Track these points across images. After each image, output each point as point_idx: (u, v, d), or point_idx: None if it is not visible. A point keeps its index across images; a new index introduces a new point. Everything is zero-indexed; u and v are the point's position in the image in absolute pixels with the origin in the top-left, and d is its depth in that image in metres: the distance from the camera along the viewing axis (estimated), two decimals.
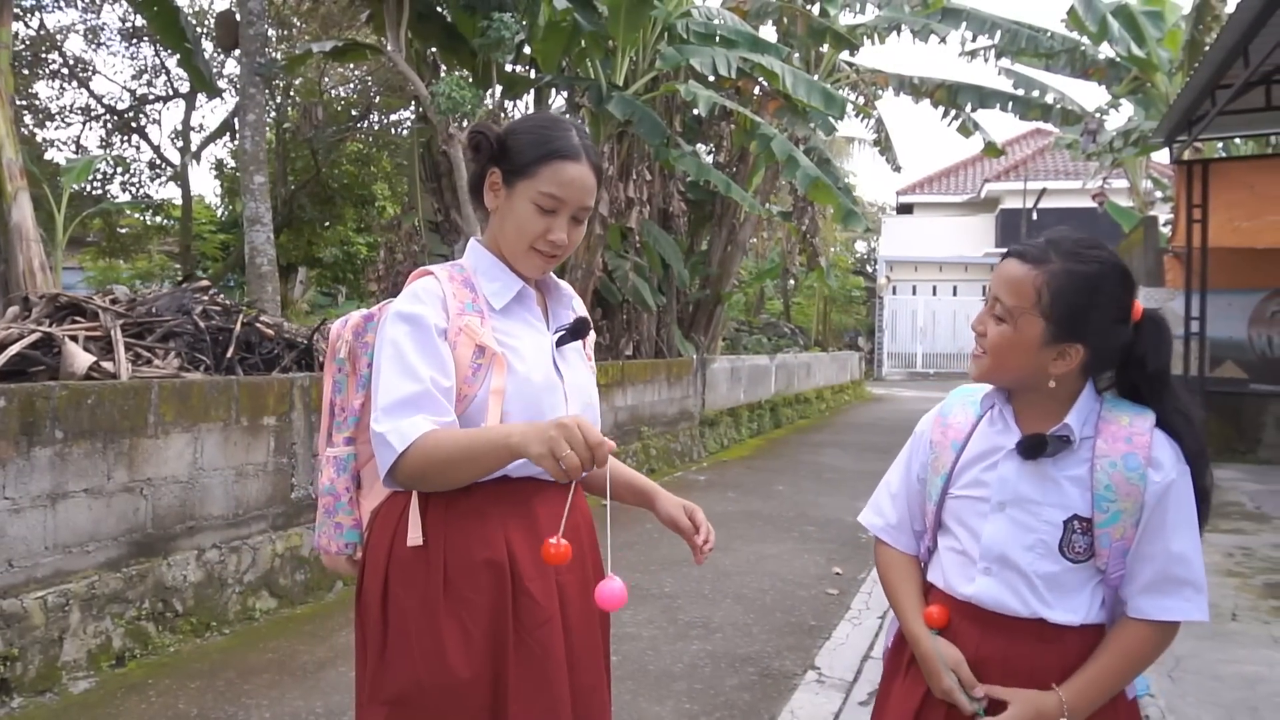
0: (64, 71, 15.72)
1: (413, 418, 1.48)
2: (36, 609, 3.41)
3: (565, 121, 1.68)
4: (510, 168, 1.62)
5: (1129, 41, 13.01)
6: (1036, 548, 1.50)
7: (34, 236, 7.86)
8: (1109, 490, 1.47)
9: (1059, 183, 26.97)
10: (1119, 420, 1.51)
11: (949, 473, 1.60)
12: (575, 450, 1.33)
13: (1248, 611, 4.65)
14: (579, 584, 1.64)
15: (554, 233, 1.61)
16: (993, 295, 1.54)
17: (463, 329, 1.56)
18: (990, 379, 1.58)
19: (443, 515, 1.56)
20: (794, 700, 3.58)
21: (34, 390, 3.46)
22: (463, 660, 1.50)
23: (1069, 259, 1.48)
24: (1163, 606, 1.49)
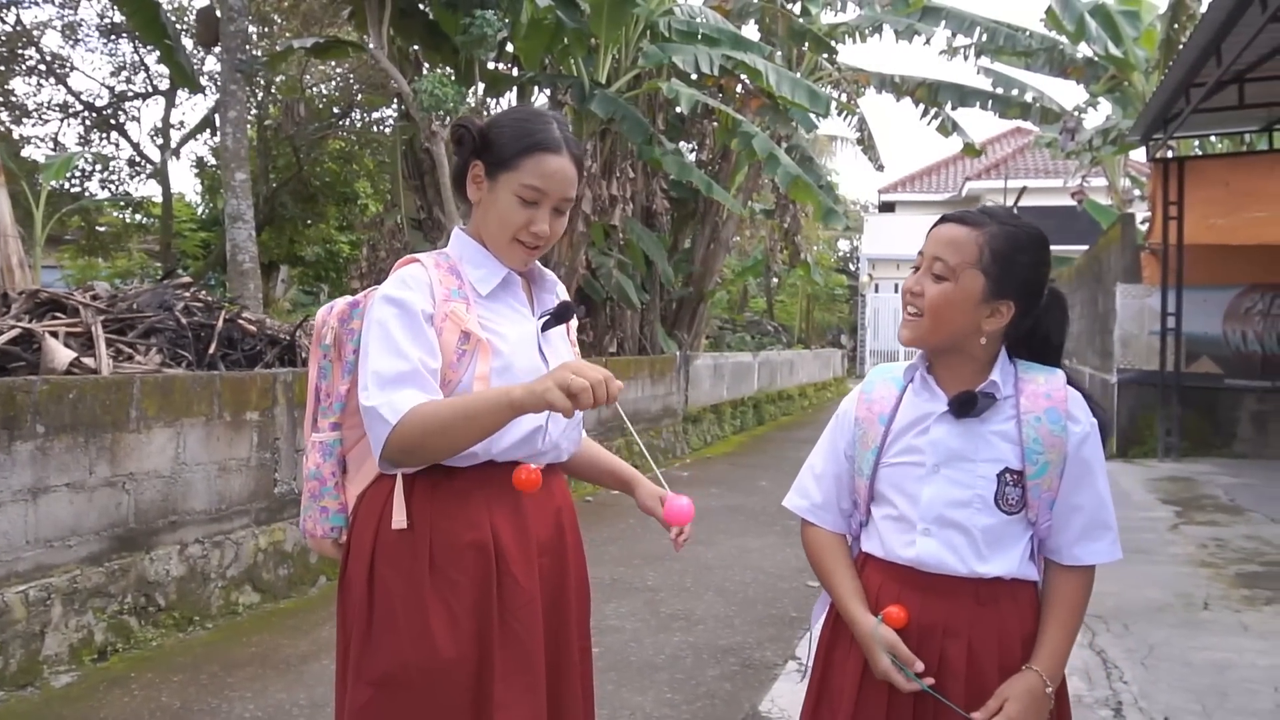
0: (41, 68, 15.59)
1: (403, 391, 1.51)
2: (18, 603, 3.42)
3: (547, 114, 1.70)
4: (493, 160, 1.64)
5: (1106, 41, 13.15)
6: (974, 502, 1.57)
7: (12, 233, 7.79)
8: (1037, 443, 1.56)
9: (1039, 181, 27.15)
10: (1035, 380, 1.61)
11: (880, 445, 1.65)
12: (590, 380, 1.38)
13: (1219, 600, 4.73)
14: (555, 567, 1.66)
15: (536, 224, 1.63)
16: (931, 256, 1.60)
17: (449, 315, 1.59)
18: (923, 340, 1.63)
19: (428, 498, 1.58)
20: (774, 689, 3.62)
21: (14, 384, 3.46)
22: (449, 640, 1.52)
23: (1004, 224, 1.59)
24: (1094, 551, 1.61)
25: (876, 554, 1.66)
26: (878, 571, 1.65)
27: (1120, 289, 10.46)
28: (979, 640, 1.56)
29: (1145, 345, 10.26)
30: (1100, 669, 3.77)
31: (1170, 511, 7.07)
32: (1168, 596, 4.78)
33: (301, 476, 4.65)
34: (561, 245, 9.97)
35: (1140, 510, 7.09)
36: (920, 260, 1.63)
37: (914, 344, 1.64)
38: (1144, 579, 5.05)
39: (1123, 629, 4.26)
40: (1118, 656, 3.90)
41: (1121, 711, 3.36)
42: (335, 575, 5.06)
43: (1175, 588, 4.95)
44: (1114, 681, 3.65)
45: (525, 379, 1.57)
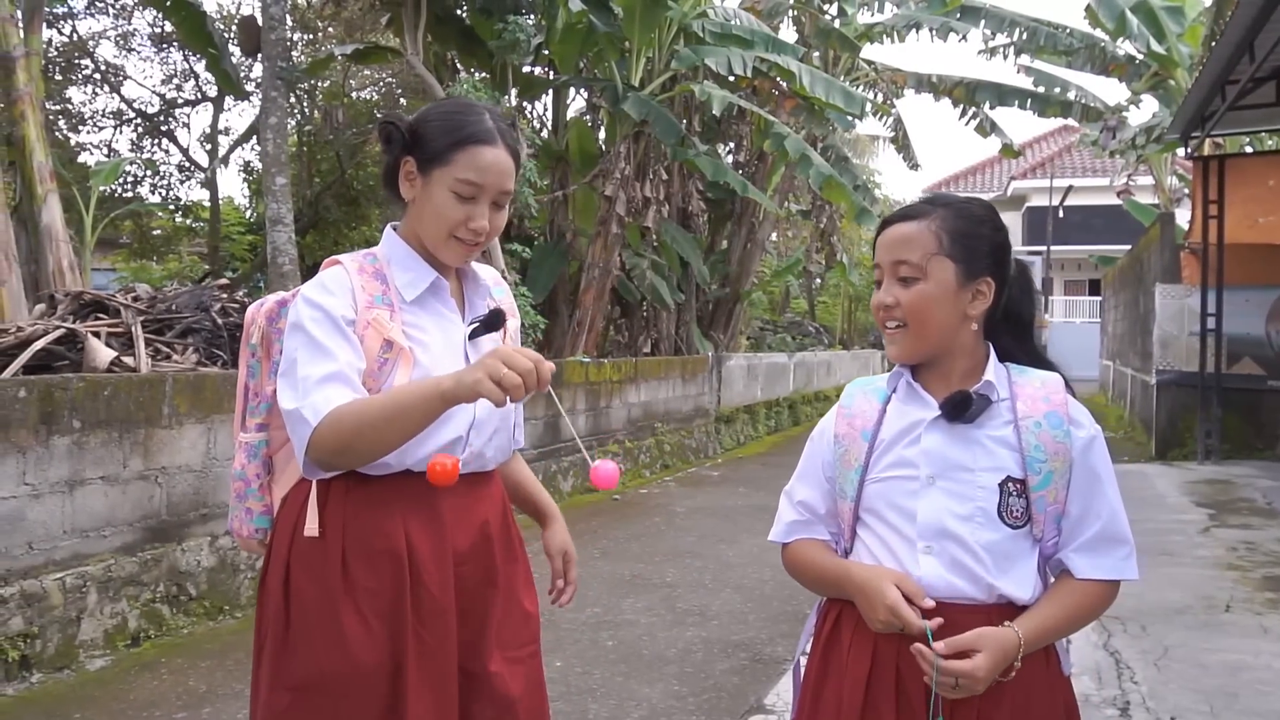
0: (96, 77, 16.09)
1: (325, 391, 1.47)
2: (55, 590, 3.59)
3: (478, 105, 1.66)
4: (424, 156, 1.59)
5: (1148, 38, 12.94)
6: (976, 516, 1.44)
7: (63, 237, 8.09)
8: (1039, 450, 1.45)
9: (1085, 180, 26.75)
10: (1031, 383, 1.50)
11: (865, 461, 1.52)
12: (515, 368, 1.34)
13: (1242, 603, 4.68)
14: (478, 577, 1.61)
15: (475, 220, 1.58)
16: (892, 261, 1.50)
17: (370, 322, 1.54)
18: (915, 349, 1.51)
19: (341, 504, 1.55)
20: (781, 684, 3.67)
21: (53, 382, 3.63)
22: (364, 647, 1.50)
23: (949, 205, 1.51)
24: (1106, 566, 1.48)
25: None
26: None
27: (1159, 289, 10.31)
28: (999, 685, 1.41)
29: (1185, 346, 10.10)
30: (1112, 669, 3.77)
31: (1204, 514, 6.97)
32: (1189, 599, 4.74)
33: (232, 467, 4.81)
34: (595, 246, 10.09)
35: (1173, 513, 7.00)
36: (879, 273, 1.53)
37: (905, 359, 1.53)
38: (1167, 581, 5.02)
39: (1140, 630, 4.24)
40: (1131, 657, 3.89)
41: (1128, 711, 3.37)
42: None
43: (1198, 590, 4.91)
44: (1124, 681, 3.65)
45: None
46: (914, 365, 1.55)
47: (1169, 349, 10.26)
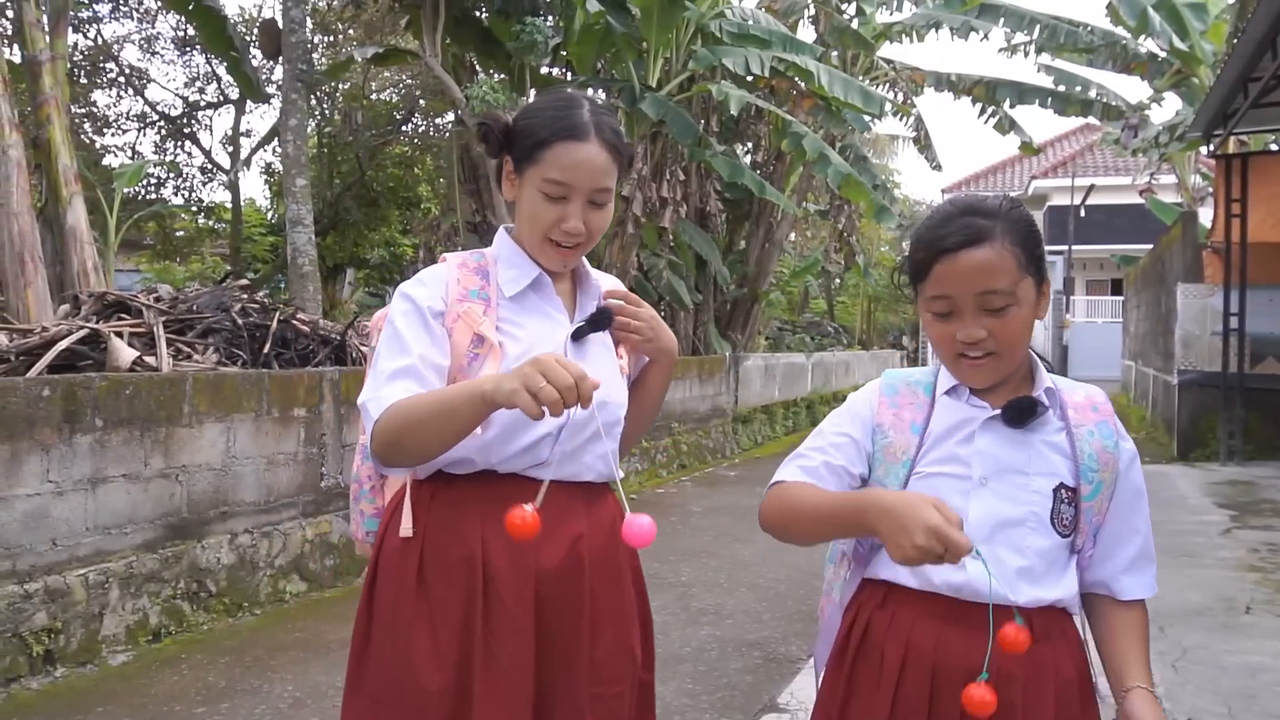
0: (120, 80, 16.28)
1: (394, 385, 1.44)
2: (78, 586, 3.65)
3: (576, 98, 1.56)
4: (518, 155, 1.54)
5: (1171, 35, 12.83)
6: (1028, 520, 1.39)
7: (88, 239, 8.19)
8: (1092, 460, 1.41)
9: (1107, 179, 26.53)
10: (1074, 392, 1.46)
11: (913, 456, 1.42)
12: (554, 381, 1.24)
13: (1262, 605, 4.65)
14: (566, 600, 1.50)
15: (567, 221, 1.50)
16: (978, 293, 1.36)
17: (461, 315, 1.50)
18: (1000, 377, 1.43)
19: (427, 507, 1.51)
20: (795, 683, 3.68)
21: (75, 381, 3.69)
22: (429, 668, 1.46)
23: (1004, 217, 1.40)
24: (1144, 585, 1.45)
25: (907, 583, 1.42)
26: (910, 605, 1.41)
27: (1181, 289, 10.22)
28: (1034, 685, 1.37)
29: (1207, 346, 10.01)
30: None
31: (1225, 515, 6.91)
32: (1209, 600, 4.71)
33: (348, 472, 4.83)
34: (613, 247, 10.11)
35: (1194, 514, 6.95)
36: (950, 305, 1.38)
37: (996, 381, 1.43)
38: (1187, 583, 4.98)
39: (1158, 631, 4.22)
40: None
41: None
42: None
43: (1218, 591, 4.87)
44: None
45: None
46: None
47: (1191, 349, 10.17)
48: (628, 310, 1.62)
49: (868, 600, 1.47)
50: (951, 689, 1.34)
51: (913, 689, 1.39)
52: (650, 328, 1.63)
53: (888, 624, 1.42)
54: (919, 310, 1.47)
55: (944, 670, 1.37)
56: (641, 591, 1.68)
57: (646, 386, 1.72)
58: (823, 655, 1.54)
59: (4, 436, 3.41)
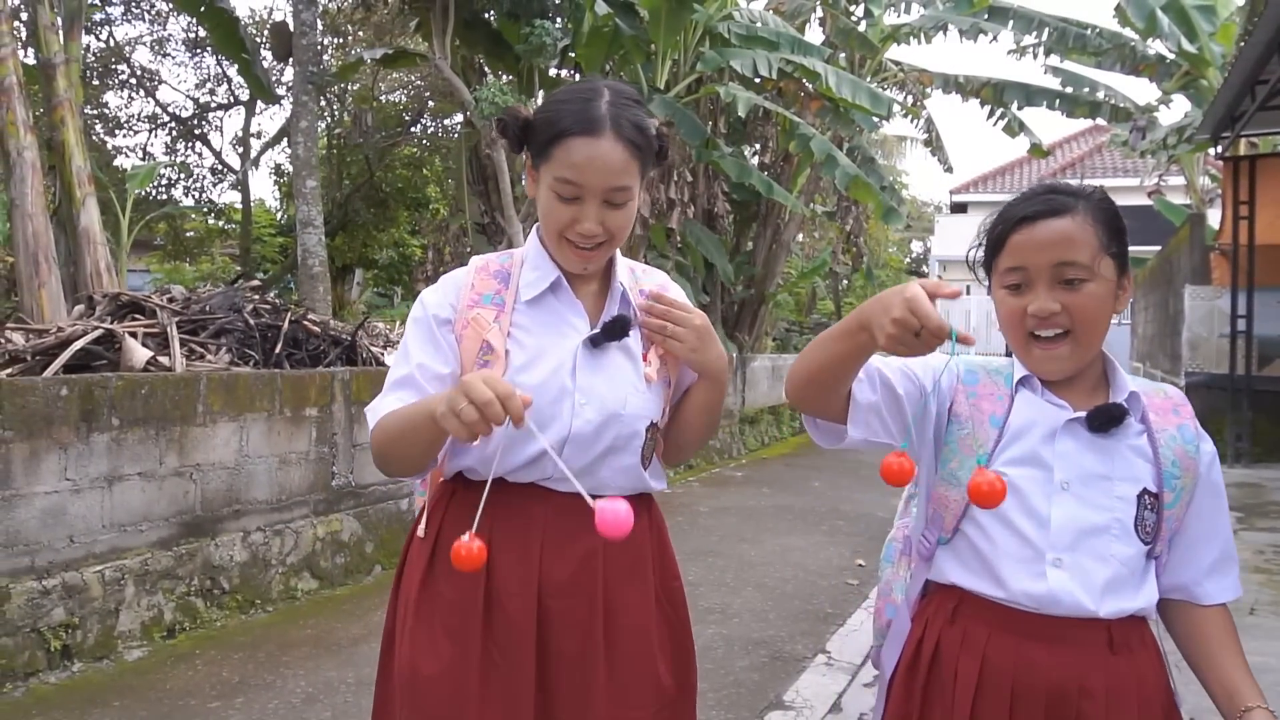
0: (132, 81, 16.39)
1: (391, 396, 1.45)
2: (95, 582, 3.70)
3: (596, 88, 1.45)
4: (535, 150, 1.46)
5: (1179, 37, 12.82)
6: (1113, 528, 1.33)
7: (101, 240, 8.27)
8: (1175, 466, 1.35)
9: (1116, 180, 26.46)
10: (1154, 393, 1.40)
11: (990, 450, 1.36)
12: (473, 400, 1.18)
13: (1267, 606, 4.67)
14: (579, 614, 1.46)
15: (582, 222, 1.42)
16: (1054, 263, 1.32)
17: (470, 321, 1.46)
18: (1078, 365, 1.37)
19: (443, 509, 1.51)
20: (801, 681, 3.72)
21: (92, 380, 3.75)
22: (428, 659, 1.46)
23: (1087, 196, 1.36)
24: (1228, 587, 1.40)
25: (981, 591, 1.36)
26: (984, 619, 1.36)
27: (1189, 290, 10.22)
28: (1116, 698, 1.31)
29: (1215, 348, 10.01)
30: None
31: (1232, 517, 6.91)
32: None
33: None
34: (619, 247, 10.17)
35: None
36: (1023, 276, 1.34)
37: (1068, 374, 1.37)
38: None
39: (1160, 633, 4.24)
40: None
41: None
42: (391, 564, 5.30)
43: None
44: None
45: (539, 400, 1.39)
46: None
47: (1198, 351, 10.17)
48: (671, 315, 1.51)
49: (936, 614, 1.42)
50: (1033, 709, 1.30)
51: (990, 711, 1.33)
52: (695, 336, 1.52)
53: (960, 641, 1.37)
54: (992, 293, 1.40)
55: (1024, 690, 1.31)
56: (681, 613, 1.59)
57: (690, 402, 1.60)
58: (890, 661, 1.48)
59: (23, 435, 3.47)
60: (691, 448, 1.65)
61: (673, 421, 1.61)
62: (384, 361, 6.05)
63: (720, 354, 1.56)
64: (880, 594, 1.58)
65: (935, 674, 1.39)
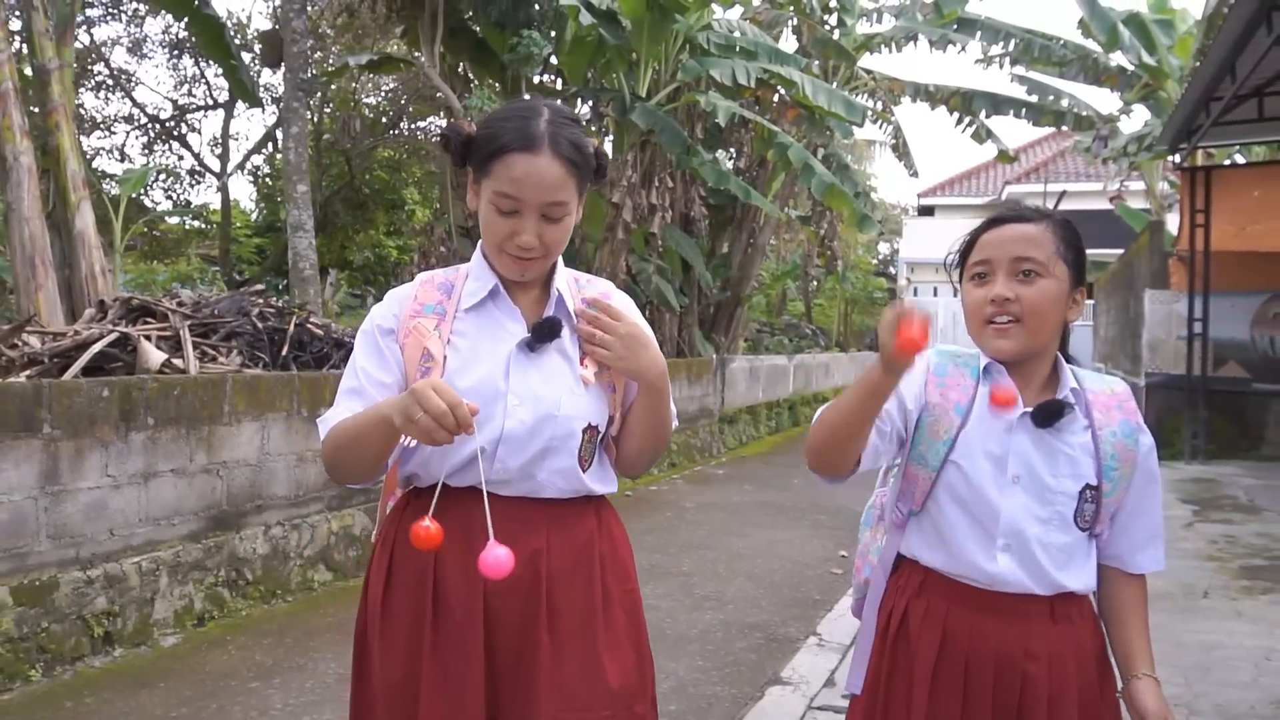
0: (109, 82, 16.40)
1: (339, 407, 1.51)
2: (133, 572, 3.92)
3: (535, 107, 1.51)
4: (475, 165, 1.51)
5: (1140, 50, 13.32)
6: (1053, 520, 1.50)
7: (96, 243, 8.41)
8: (1114, 459, 1.51)
9: (1079, 185, 27.16)
10: (1100, 389, 1.57)
11: (953, 438, 1.53)
12: (426, 409, 1.27)
13: (1219, 590, 5.04)
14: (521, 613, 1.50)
15: (519, 235, 1.48)
16: (1014, 257, 1.52)
17: (411, 330, 1.53)
18: (1024, 349, 1.53)
19: (399, 516, 1.56)
20: (795, 659, 4.02)
21: (130, 382, 3.97)
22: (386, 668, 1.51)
23: (1052, 216, 1.57)
24: (1153, 559, 1.58)
25: (940, 568, 1.55)
26: (942, 592, 1.55)
27: (1149, 294, 10.67)
28: (1058, 660, 1.50)
29: (1173, 350, 10.47)
30: None
31: (1188, 510, 7.33)
32: (1171, 586, 5.09)
33: None
34: (603, 251, 10.43)
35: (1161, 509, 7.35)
36: (987, 267, 1.55)
37: (1017, 355, 1.54)
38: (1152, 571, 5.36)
39: None
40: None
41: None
42: None
43: (1180, 578, 5.26)
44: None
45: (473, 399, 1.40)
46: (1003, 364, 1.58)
47: (1158, 352, 10.62)
48: (599, 322, 1.55)
49: (905, 587, 1.60)
50: (983, 672, 1.49)
51: (948, 677, 1.52)
52: (623, 345, 1.54)
53: (924, 613, 1.55)
54: (962, 290, 1.60)
55: (977, 655, 1.51)
56: (635, 618, 1.62)
57: (632, 410, 1.63)
58: (870, 617, 1.65)
59: (70, 434, 3.69)
60: (642, 457, 1.66)
61: (622, 431, 1.64)
62: None
63: (655, 362, 1.57)
64: (860, 555, 1.77)
65: (902, 641, 1.57)
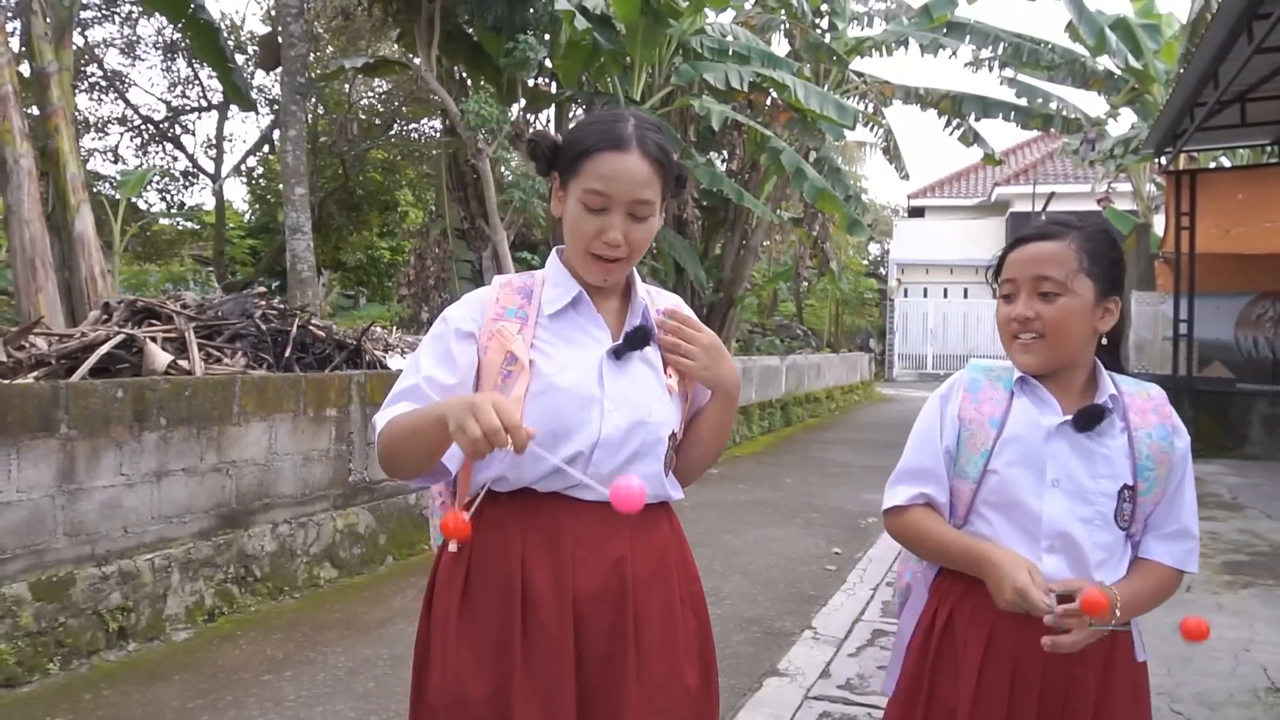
0: (102, 83, 16.43)
1: (397, 405, 1.50)
2: (146, 569, 4.02)
3: (622, 114, 1.57)
4: (563, 169, 1.56)
5: (1126, 54, 13.50)
6: (1095, 520, 1.56)
7: (95, 245, 8.48)
8: (1149, 460, 1.57)
9: (1067, 186, 27.37)
10: (1138, 394, 1.63)
11: (990, 449, 1.60)
12: (481, 424, 1.27)
13: (1202, 584, 5.18)
14: (612, 621, 1.51)
15: (607, 232, 1.51)
16: (1034, 277, 1.58)
17: (495, 334, 1.53)
18: (1047, 363, 1.60)
19: (476, 523, 1.51)
20: (791, 652, 4.14)
21: (144, 384, 4.06)
22: (472, 679, 1.49)
23: (1082, 228, 1.61)
24: (1174, 554, 1.62)
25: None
26: (988, 597, 1.56)
27: (1135, 296, 10.85)
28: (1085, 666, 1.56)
29: (1159, 350, 10.65)
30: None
31: None
32: None
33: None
34: None
35: None
36: (1012, 287, 1.61)
37: (1039, 369, 1.61)
38: None
39: None
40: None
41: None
42: (401, 555, 5.65)
43: None
44: None
45: (565, 404, 1.48)
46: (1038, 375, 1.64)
47: (1144, 353, 10.80)
48: (682, 333, 1.60)
49: (951, 590, 1.66)
50: (1029, 677, 1.54)
51: (995, 673, 1.58)
52: (706, 354, 1.61)
53: (970, 615, 1.61)
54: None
55: (1024, 660, 1.56)
56: (703, 619, 1.66)
57: (703, 418, 1.69)
58: (908, 622, 1.74)
59: (86, 433, 3.78)
60: (703, 464, 1.72)
61: (686, 438, 1.68)
62: (387, 364, 6.38)
63: (732, 371, 1.64)
64: (903, 559, 1.84)
65: (947, 641, 1.63)
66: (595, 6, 10.10)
